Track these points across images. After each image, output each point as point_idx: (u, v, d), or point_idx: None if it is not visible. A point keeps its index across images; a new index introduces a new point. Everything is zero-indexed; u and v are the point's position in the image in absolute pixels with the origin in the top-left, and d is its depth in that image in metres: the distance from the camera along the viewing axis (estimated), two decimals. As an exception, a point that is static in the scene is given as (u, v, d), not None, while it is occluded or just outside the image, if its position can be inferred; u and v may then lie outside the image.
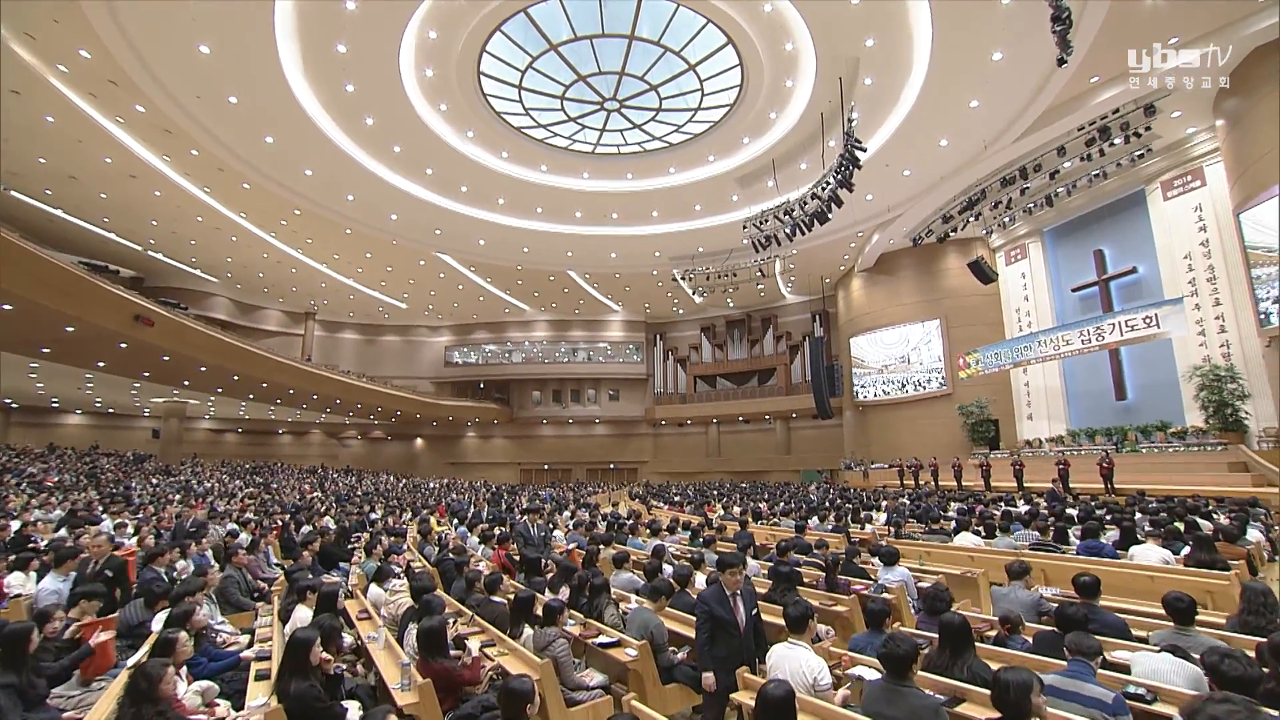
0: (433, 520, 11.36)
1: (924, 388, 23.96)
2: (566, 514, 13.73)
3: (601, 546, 7.99)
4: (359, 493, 21.68)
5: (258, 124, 16.24)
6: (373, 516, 13.45)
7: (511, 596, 5.69)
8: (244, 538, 8.04)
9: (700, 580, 5.98)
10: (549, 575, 6.16)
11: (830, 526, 9.86)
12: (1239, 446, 14.71)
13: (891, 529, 8.78)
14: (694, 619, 4.48)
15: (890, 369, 25.55)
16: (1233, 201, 15.22)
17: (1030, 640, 3.77)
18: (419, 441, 38.28)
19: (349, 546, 8.80)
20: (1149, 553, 6.30)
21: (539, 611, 4.15)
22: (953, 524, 8.81)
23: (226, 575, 6.00)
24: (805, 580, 6.10)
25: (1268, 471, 13.51)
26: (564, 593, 5.29)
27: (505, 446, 37.92)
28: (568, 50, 15.94)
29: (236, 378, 21.03)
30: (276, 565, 7.60)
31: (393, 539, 8.97)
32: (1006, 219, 19.50)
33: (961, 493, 15.29)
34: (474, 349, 37.20)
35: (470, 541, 8.66)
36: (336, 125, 17.21)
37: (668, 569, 6.48)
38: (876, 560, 6.73)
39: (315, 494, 20.45)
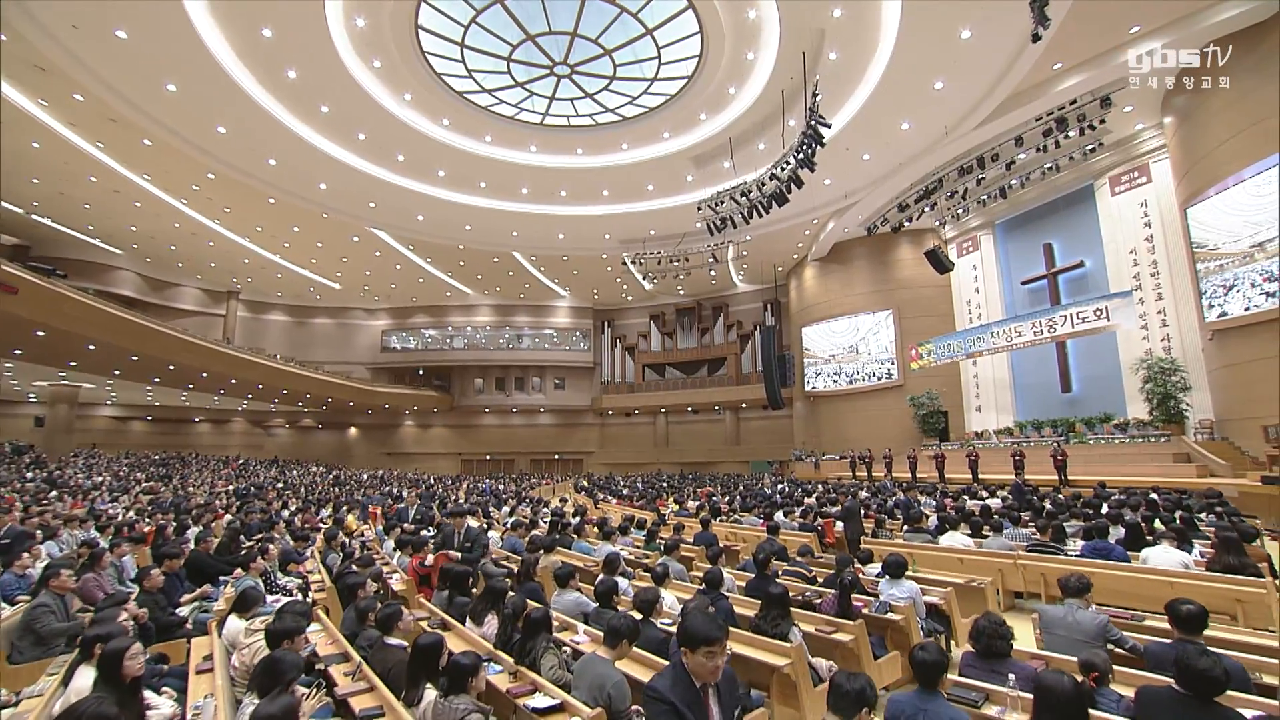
0: (351, 518, 9.79)
1: (878, 379, 23.57)
2: (505, 509, 12.36)
3: (542, 553, 6.70)
4: (279, 485, 19.57)
5: (155, 67, 13.98)
6: (285, 514, 11.71)
7: (427, 625, 4.37)
8: (102, 546, 6.36)
9: (669, 600, 4.78)
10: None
11: (797, 523, 8.87)
12: (1181, 438, 14.67)
13: (854, 527, 7.83)
14: (663, 664, 3.28)
15: (838, 358, 25.14)
16: (1179, 197, 15.14)
17: (1128, 697, 2.73)
18: (353, 430, 35.79)
19: (243, 553, 7.20)
20: (1165, 555, 5.50)
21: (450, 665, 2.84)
22: (931, 520, 7.93)
23: (38, 604, 4.41)
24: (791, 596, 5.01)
25: (1210, 462, 13.45)
26: (490, 624, 3.99)
27: (445, 436, 35.91)
28: (515, 4, 14.40)
29: (136, 358, 18.48)
30: (134, 584, 5.96)
31: (296, 543, 7.44)
32: (960, 210, 19.22)
33: (920, 484, 14.62)
34: (413, 334, 35.10)
35: (386, 546, 7.22)
36: (252, 76, 15.12)
37: (623, 584, 5.27)
38: (867, 568, 5.71)
39: (229, 487, 18.26)
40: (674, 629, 4.41)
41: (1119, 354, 17.22)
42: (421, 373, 35.34)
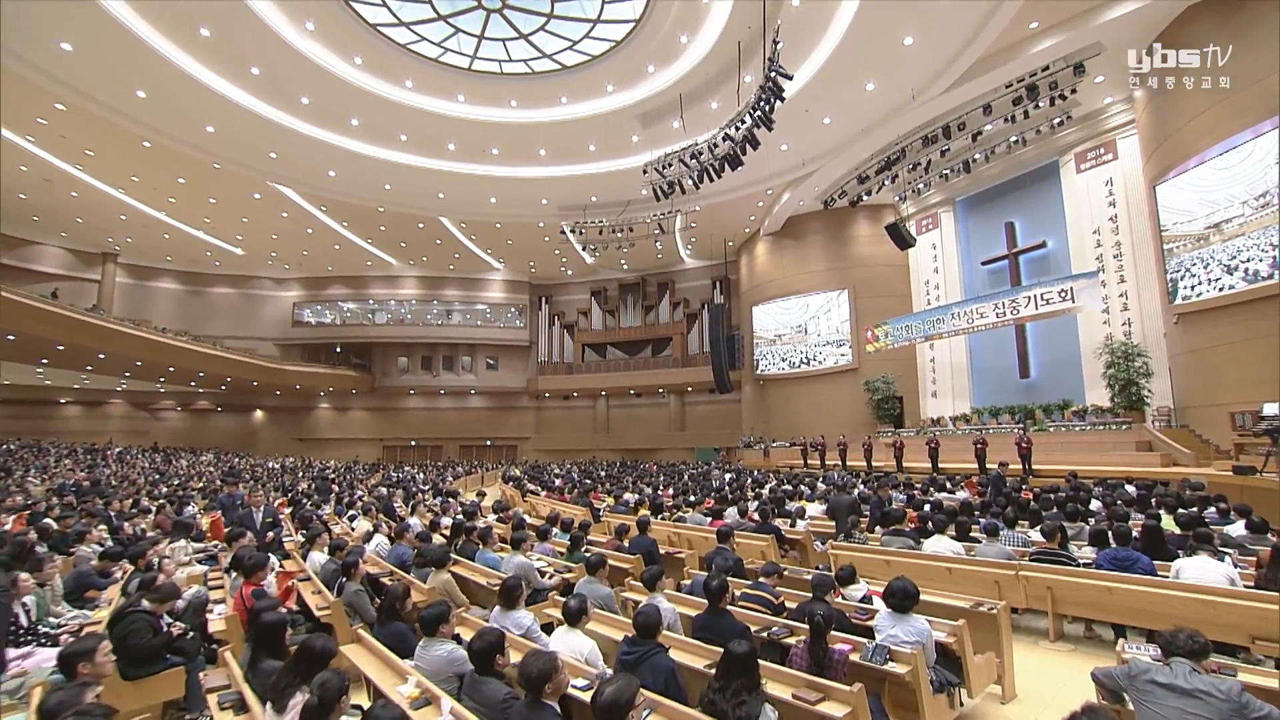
0: (206, 519, 8.09)
1: (837, 361, 22.98)
2: (411, 505, 10.81)
3: (432, 570, 5.31)
4: (154, 478, 17.25)
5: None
6: (140, 512, 9.78)
7: (216, 700, 2.92)
8: None
9: (584, 648, 3.49)
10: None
11: (752, 524, 7.76)
12: (1143, 425, 14.46)
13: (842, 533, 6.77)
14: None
15: (785, 338, 24.52)
16: (1147, 175, 14.87)
17: None
18: (258, 414, 32.90)
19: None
20: (1204, 568, 4.60)
21: None
22: (904, 517, 6.92)
23: None
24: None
25: (1173, 450, 13.20)
26: (295, 710, 2.59)
27: (365, 420, 33.59)
28: (433, -88, 12.59)
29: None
30: None
31: (100, 564, 5.77)
32: (921, 184, 18.70)
33: (890, 477, 13.80)
34: (329, 306, 32.69)
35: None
36: (104, -21, 12.71)
37: (524, 620, 3.96)
38: (848, 590, 4.58)
39: (88, 481, 15.86)
40: (588, 697, 3.16)
41: (1079, 339, 17.01)
42: (339, 350, 32.97)
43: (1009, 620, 4.42)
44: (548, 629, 4.24)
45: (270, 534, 7.09)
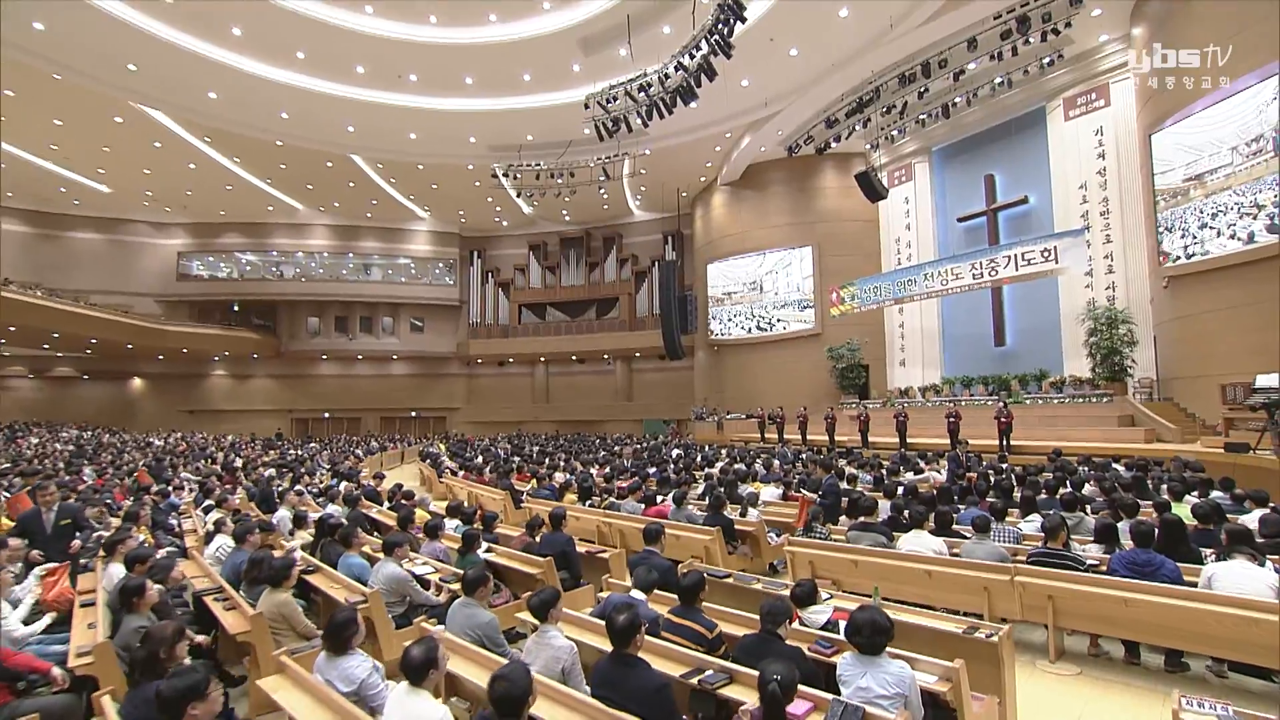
0: (3, 518, 6.78)
1: (793, 326, 22.48)
2: (297, 489, 9.60)
3: (266, 588, 4.26)
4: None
5: None
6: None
7: None
8: None
9: (416, 718, 2.55)
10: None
11: (703, 514, 6.96)
12: (1125, 398, 14.34)
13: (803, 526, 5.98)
14: None
15: (736, 297, 24.04)
16: (1143, 122, 14.57)
17: None
18: (137, 382, 30.41)
19: None
20: (1243, 576, 3.97)
21: None
22: (875, 507, 6.18)
23: None
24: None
25: (1157, 425, 13.06)
26: None
27: (270, 389, 31.61)
28: None
29: None
30: None
31: None
32: (895, 131, 18.09)
33: (853, 453, 13.29)
34: (224, 258, 30.44)
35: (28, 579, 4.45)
36: None
37: (354, 673, 2.99)
38: (808, 613, 3.75)
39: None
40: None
41: (1059, 304, 16.82)
42: (236, 309, 30.84)
43: (1013, 650, 3.68)
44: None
45: (76, 540, 5.85)
